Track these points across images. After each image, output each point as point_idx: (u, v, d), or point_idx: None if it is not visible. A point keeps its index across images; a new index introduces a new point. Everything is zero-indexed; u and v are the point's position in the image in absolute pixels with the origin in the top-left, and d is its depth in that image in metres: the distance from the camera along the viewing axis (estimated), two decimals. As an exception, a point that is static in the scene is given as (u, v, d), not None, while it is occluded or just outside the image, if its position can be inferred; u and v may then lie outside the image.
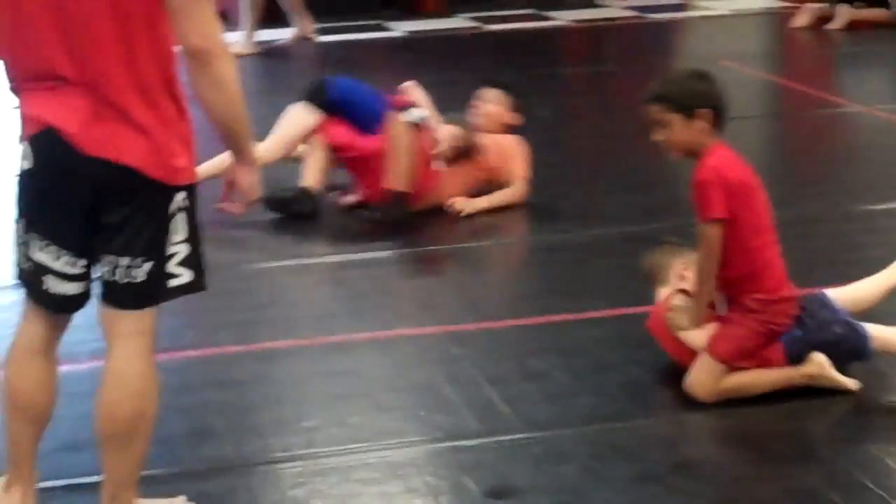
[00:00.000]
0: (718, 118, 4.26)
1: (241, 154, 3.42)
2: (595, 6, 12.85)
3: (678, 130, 4.22)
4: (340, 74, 6.96)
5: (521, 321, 5.01)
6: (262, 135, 6.11)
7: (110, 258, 3.31)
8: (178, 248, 3.35)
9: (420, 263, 5.85)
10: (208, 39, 3.23)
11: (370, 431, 4.11)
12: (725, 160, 4.24)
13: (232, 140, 3.37)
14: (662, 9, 12.60)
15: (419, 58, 10.76)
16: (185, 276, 3.37)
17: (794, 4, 12.24)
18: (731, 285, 4.23)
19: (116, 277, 3.31)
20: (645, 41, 11.55)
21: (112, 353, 3.38)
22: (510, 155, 6.50)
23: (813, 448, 4.02)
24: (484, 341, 4.83)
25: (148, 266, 3.30)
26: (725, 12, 12.45)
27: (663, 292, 4.51)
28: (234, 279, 5.47)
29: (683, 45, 11.64)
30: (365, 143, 6.23)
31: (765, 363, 4.23)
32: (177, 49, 3.22)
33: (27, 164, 3.32)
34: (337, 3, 12.26)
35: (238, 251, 5.88)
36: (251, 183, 3.46)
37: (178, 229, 3.34)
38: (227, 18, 12.53)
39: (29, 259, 3.38)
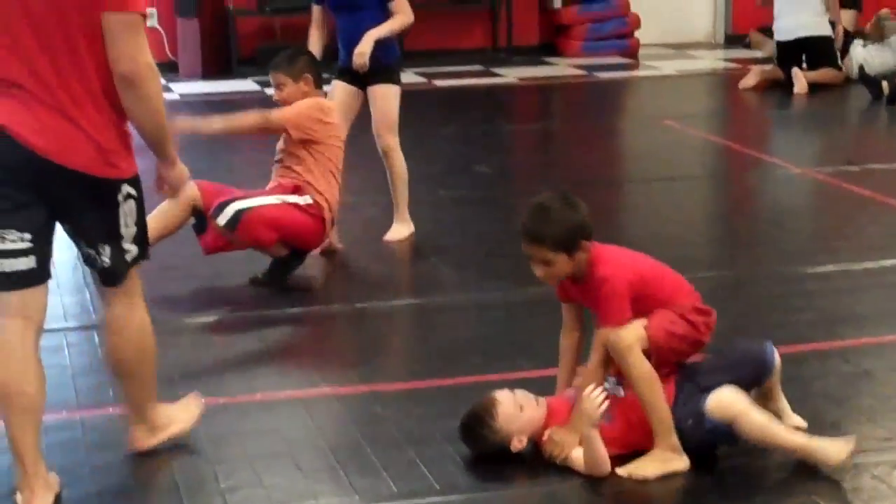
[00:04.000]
0: (590, 235, 4.27)
1: (162, 156, 4.01)
2: (544, 64, 12.90)
3: (562, 266, 4.22)
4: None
5: (446, 381, 4.96)
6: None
7: (83, 247, 4.03)
8: (129, 230, 4.00)
9: (345, 321, 5.80)
10: (137, 64, 3.75)
11: (288, 493, 4.05)
12: (615, 263, 4.27)
13: (155, 146, 3.95)
14: (610, 68, 12.67)
15: (364, 112, 10.73)
16: (134, 251, 4.04)
17: (742, 66, 12.34)
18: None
19: (94, 264, 4.03)
20: (591, 100, 11.61)
21: (110, 311, 4.13)
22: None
23: None
24: (407, 401, 4.76)
25: (109, 250, 3.98)
26: (672, 72, 12.52)
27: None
28: (156, 334, 5.40)
29: (629, 105, 11.70)
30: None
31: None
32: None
33: None
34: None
35: (159, 307, 5.81)
36: (174, 177, 4.09)
37: (127, 213, 3.97)
38: (177, 68, 12.56)
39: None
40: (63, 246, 6.69)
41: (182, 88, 11.93)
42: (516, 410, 4.22)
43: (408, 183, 6.95)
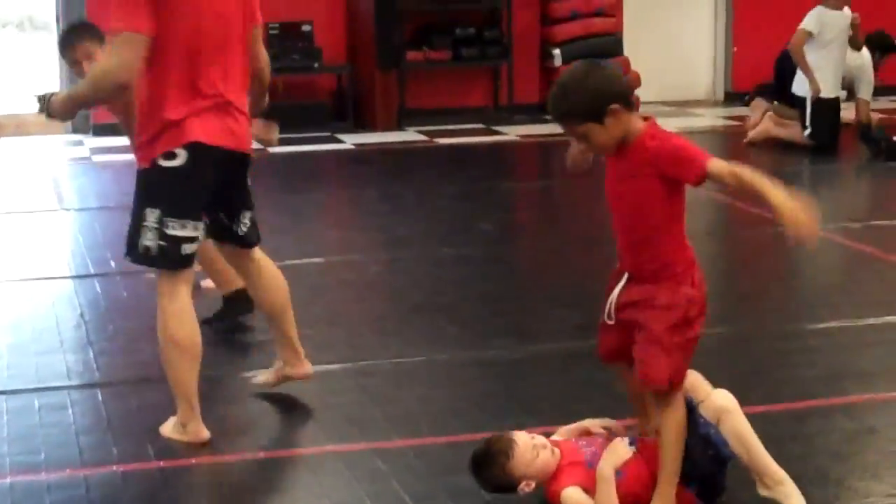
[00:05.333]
0: (628, 101, 4.06)
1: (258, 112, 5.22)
2: (544, 122, 12.95)
3: (598, 135, 4.01)
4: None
5: (449, 438, 4.95)
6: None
7: (223, 220, 4.96)
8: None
9: (348, 378, 5.78)
10: (267, 63, 5.16)
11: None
12: (661, 132, 4.08)
13: (255, 108, 5.15)
14: (610, 125, 12.71)
15: (368, 170, 10.81)
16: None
17: (742, 122, 12.39)
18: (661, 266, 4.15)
19: (231, 233, 5.02)
20: (592, 158, 11.61)
21: (256, 264, 5.11)
22: None
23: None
24: (410, 457, 4.76)
25: (248, 215, 5.03)
26: (673, 129, 12.53)
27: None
28: (163, 393, 5.41)
29: (630, 162, 11.72)
30: None
31: None
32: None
33: (178, 162, 4.67)
34: (291, 116, 12.31)
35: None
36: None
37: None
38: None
39: (165, 237, 4.70)
40: (66, 306, 6.72)
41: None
42: (532, 455, 4.19)
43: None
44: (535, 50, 13.44)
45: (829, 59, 11.15)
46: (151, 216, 4.69)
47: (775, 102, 11.86)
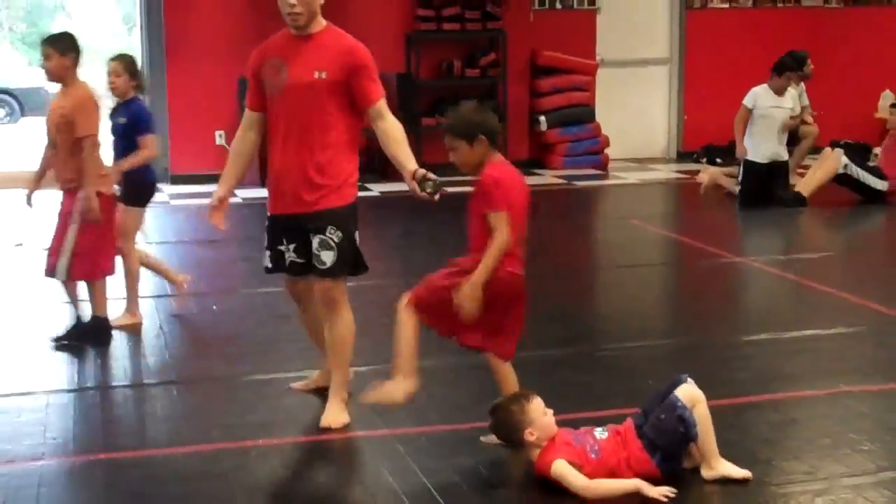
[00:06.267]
0: (493, 140, 4.46)
1: None
2: (532, 174, 12.97)
3: (464, 153, 4.44)
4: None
5: (454, 426, 4.95)
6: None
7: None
8: None
9: (373, 378, 5.68)
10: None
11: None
12: (500, 170, 4.46)
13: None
14: (585, 178, 12.73)
15: (391, 212, 10.81)
16: None
17: (689, 176, 12.37)
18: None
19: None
20: (570, 203, 11.63)
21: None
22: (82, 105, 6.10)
23: None
24: (423, 442, 4.76)
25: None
26: (635, 181, 12.57)
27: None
28: (228, 389, 5.42)
29: (600, 207, 11.73)
30: None
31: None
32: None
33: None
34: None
35: (227, 362, 5.82)
36: None
37: None
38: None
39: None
40: (148, 319, 6.71)
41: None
42: (543, 412, 4.26)
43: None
44: (525, 117, 13.45)
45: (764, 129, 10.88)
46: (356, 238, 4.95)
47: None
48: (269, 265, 5.00)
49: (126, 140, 6.49)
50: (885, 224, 10.40)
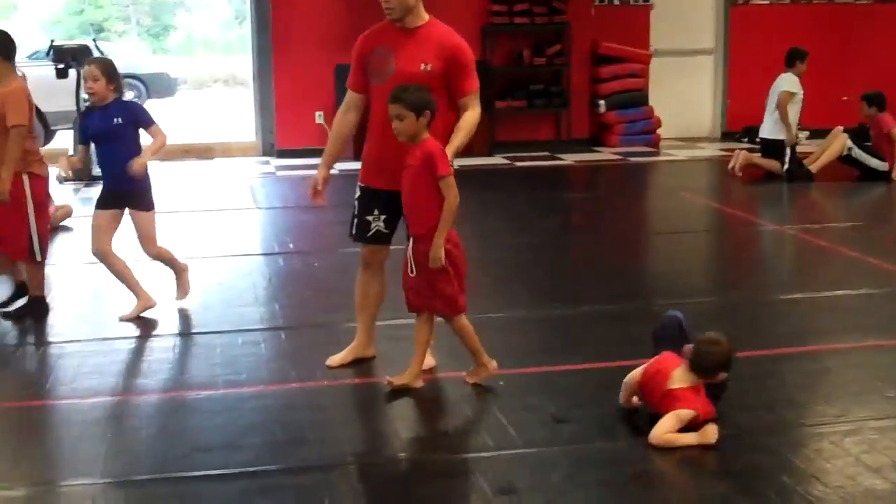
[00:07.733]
0: (432, 119, 4.42)
1: None
2: (592, 151, 12.88)
3: (410, 124, 4.38)
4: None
5: (524, 369, 4.96)
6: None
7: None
8: None
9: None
10: None
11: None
12: (437, 143, 4.44)
13: None
14: (639, 154, 12.61)
15: (468, 182, 10.77)
16: None
17: (731, 153, 12.19)
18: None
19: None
20: (626, 177, 11.54)
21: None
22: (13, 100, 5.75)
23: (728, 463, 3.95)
24: (496, 382, 4.76)
25: None
26: (684, 158, 12.43)
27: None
28: (329, 334, 5.46)
29: (653, 180, 11.61)
30: None
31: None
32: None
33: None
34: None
35: (327, 311, 5.87)
36: None
37: None
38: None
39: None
40: (259, 274, 6.79)
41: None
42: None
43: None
44: (586, 100, 13.33)
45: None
46: None
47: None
48: (354, 232, 4.91)
49: (126, 140, 5.79)
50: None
